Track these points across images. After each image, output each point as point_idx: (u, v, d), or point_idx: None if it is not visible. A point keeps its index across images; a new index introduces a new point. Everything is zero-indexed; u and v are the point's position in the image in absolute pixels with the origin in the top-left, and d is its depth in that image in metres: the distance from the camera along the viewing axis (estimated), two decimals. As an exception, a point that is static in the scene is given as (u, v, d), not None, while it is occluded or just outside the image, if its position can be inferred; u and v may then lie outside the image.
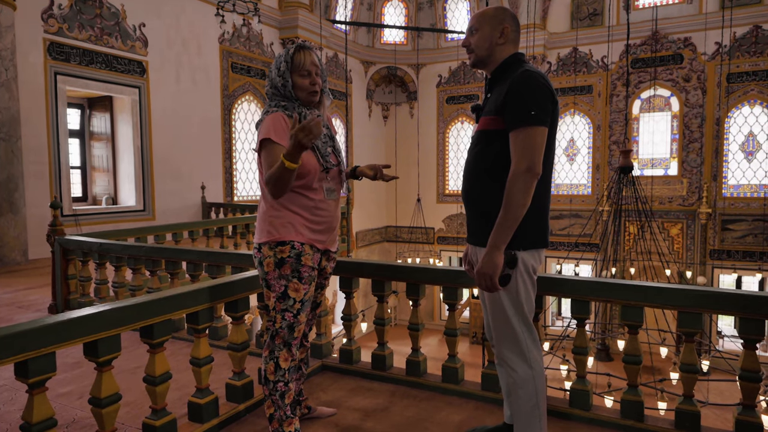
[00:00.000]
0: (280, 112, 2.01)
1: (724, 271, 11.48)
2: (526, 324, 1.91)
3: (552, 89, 1.82)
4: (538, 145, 1.75)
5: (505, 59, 1.92)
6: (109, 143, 8.65)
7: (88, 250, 4.03)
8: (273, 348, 2.05)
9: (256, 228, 2.09)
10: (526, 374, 1.90)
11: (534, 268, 1.90)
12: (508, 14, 1.95)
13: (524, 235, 1.82)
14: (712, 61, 11.38)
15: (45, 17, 7.09)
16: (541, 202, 1.87)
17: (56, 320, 1.66)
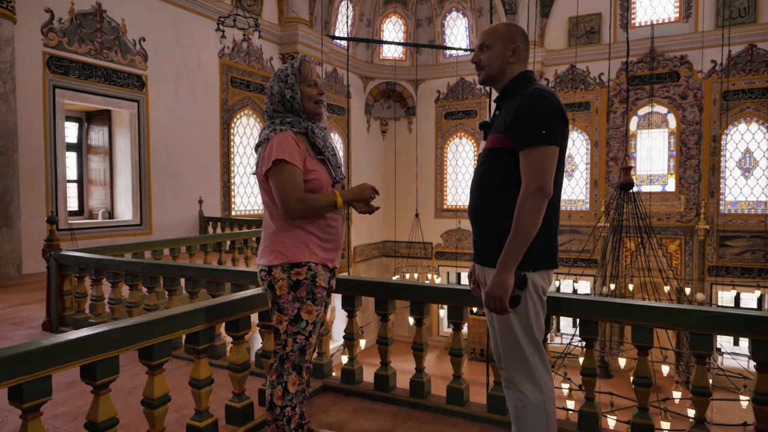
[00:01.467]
0: (289, 131, 1.97)
1: (722, 287, 11.45)
2: (536, 346, 1.85)
3: (562, 108, 1.79)
4: (548, 165, 1.72)
5: (514, 77, 1.90)
6: (107, 157, 8.62)
7: (85, 265, 3.97)
8: (282, 372, 2.00)
9: (262, 249, 2.01)
10: (536, 398, 1.84)
11: (544, 289, 1.86)
12: (519, 32, 1.92)
13: (534, 256, 1.78)
14: (708, 79, 11.48)
15: (45, 31, 7.09)
16: (551, 222, 1.83)
17: (53, 342, 1.60)
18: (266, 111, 2.09)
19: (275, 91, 2.04)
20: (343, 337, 2.95)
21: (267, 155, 1.92)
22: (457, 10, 14.16)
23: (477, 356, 12.87)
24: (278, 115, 2.04)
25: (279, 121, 2.01)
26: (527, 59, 1.95)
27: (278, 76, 2.05)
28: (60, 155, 7.43)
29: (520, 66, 1.92)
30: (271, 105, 2.06)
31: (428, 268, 14.66)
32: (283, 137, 1.95)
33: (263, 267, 1.98)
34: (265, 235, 2.03)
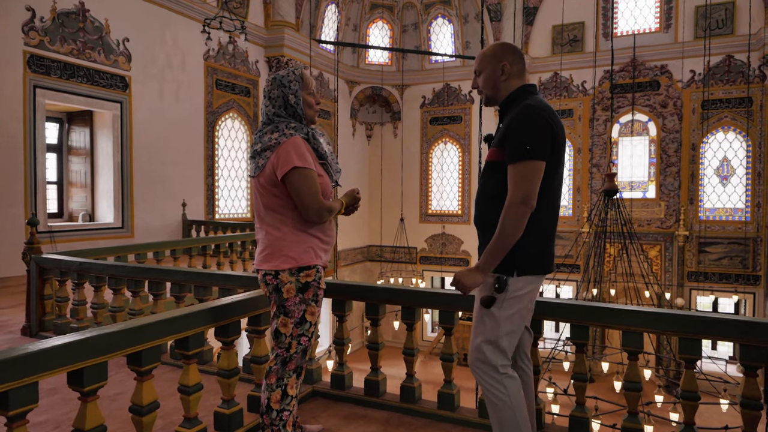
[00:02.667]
0: (299, 137, 2.01)
1: (701, 292, 11.67)
2: (496, 345, 1.89)
3: (552, 122, 1.84)
4: (532, 179, 1.80)
5: (511, 92, 1.98)
6: (88, 158, 8.45)
7: (67, 269, 3.88)
8: (282, 375, 2.01)
9: (266, 253, 2.01)
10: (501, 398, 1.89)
11: (528, 295, 1.91)
12: (507, 50, 2.00)
13: (518, 261, 1.86)
14: (687, 89, 11.74)
15: (26, 30, 6.94)
16: (542, 230, 1.90)
17: (39, 347, 1.55)
18: (266, 114, 2.08)
19: (276, 95, 2.06)
20: (333, 342, 2.93)
21: (284, 160, 1.94)
22: (443, 17, 14.26)
23: (462, 360, 12.89)
24: (280, 120, 2.05)
25: (284, 125, 2.02)
26: (522, 72, 2.01)
27: (279, 81, 2.07)
28: (40, 156, 7.26)
29: (515, 81, 1.99)
30: (272, 108, 2.06)
31: (413, 272, 14.67)
32: (296, 142, 1.97)
33: (268, 271, 1.99)
34: (269, 240, 2.02)
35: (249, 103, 10.94)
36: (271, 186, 1.99)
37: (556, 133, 1.84)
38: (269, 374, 2.02)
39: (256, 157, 2.03)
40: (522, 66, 2.01)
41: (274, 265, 1.98)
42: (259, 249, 2.06)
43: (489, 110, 13.39)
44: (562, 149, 1.91)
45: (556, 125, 1.85)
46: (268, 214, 2.03)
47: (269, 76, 2.13)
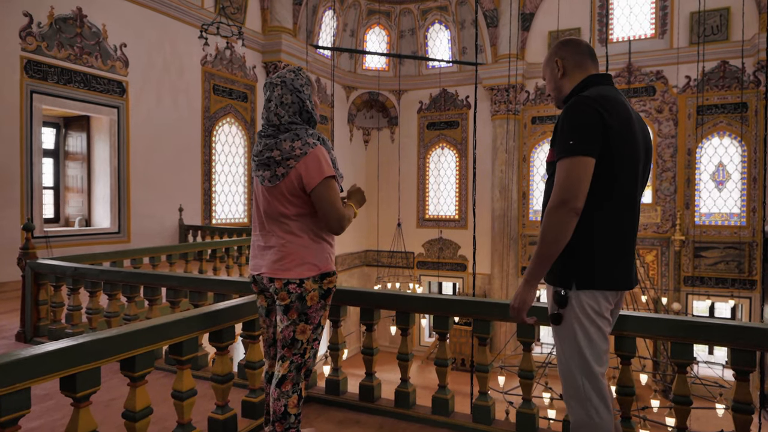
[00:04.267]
0: (321, 146, 2.01)
1: (697, 297, 11.69)
2: (585, 371, 1.70)
3: (606, 112, 1.65)
4: (577, 177, 1.61)
5: (574, 88, 1.85)
6: (85, 163, 8.45)
7: (62, 274, 3.88)
8: (298, 380, 2.03)
9: (286, 262, 1.98)
10: (582, 421, 1.72)
11: (597, 310, 1.69)
12: (558, 46, 1.93)
13: (581, 274, 1.68)
14: (683, 94, 11.80)
15: (23, 35, 6.96)
16: (609, 238, 1.70)
17: (32, 353, 1.56)
18: (278, 120, 2.00)
19: (290, 101, 2.01)
20: (328, 347, 2.93)
21: (315, 170, 1.93)
22: (440, 23, 14.32)
23: (459, 366, 12.89)
24: (298, 127, 2.00)
25: (304, 132, 1.99)
26: (582, 63, 1.87)
27: (291, 86, 2.02)
28: (36, 161, 7.26)
29: (574, 76, 1.87)
30: (287, 117, 2.00)
31: (410, 277, 14.66)
32: (322, 152, 1.98)
33: (292, 280, 1.97)
34: (289, 248, 1.99)
35: (246, 108, 10.96)
36: (292, 195, 1.97)
37: (610, 125, 1.63)
38: (284, 382, 2.01)
39: (274, 165, 1.97)
40: (581, 57, 1.87)
41: (298, 273, 1.97)
42: (273, 257, 2.01)
43: (484, 115, 13.45)
44: (625, 143, 1.68)
45: (612, 116, 1.65)
46: (285, 222, 2.00)
47: (272, 79, 2.06)
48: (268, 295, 2.13)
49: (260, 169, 2.01)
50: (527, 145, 13.48)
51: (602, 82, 1.83)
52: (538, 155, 13.50)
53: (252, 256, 2.13)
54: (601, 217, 1.67)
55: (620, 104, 1.72)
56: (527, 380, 2.47)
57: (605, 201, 1.67)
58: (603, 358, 1.73)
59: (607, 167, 1.65)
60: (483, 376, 2.57)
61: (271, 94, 2.02)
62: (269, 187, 1.99)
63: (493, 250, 13.39)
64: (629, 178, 1.73)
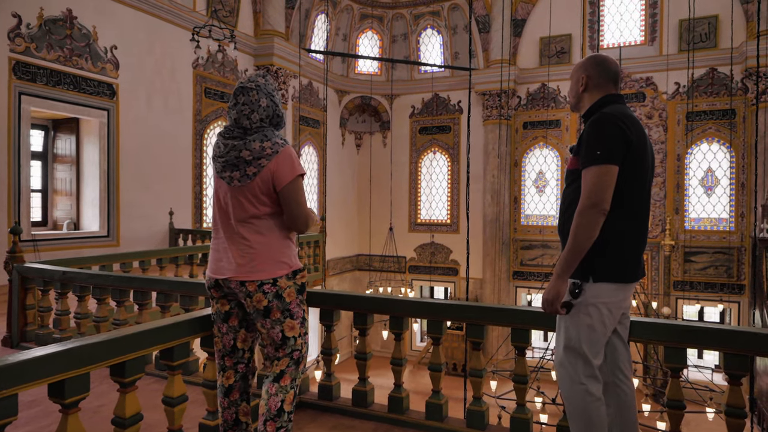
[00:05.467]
0: (290, 146, 2.05)
1: (687, 302, 11.78)
2: (582, 358, 1.91)
3: (626, 128, 1.88)
4: (604, 183, 1.83)
5: (594, 103, 2.03)
6: (74, 166, 8.36)
7: (50, 278, 3.82)
8: (296, 375, 2.03)
9: (256, 263, 1.96)
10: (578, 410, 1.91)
11: (607, 303, 1.91)
12: (590, 63, 2.07)
13: (595, 267, 1.89)
14: (672, 100, 11.93)
15: (12, 36, 6.88)
16: (624, 235, 1.91)
17: (20, 359, 1.52)
18: (249, 121, 2.01)
19: (265, 104, 2.03)
20: (321, 352, 2.91)
21: (287, 168, 1.95)
22: (432, 27, 14.38)
23: (451, 370, 12.87)
24: (265, 129, 2.03)
25: (271, 133, 2.02)
26: (605, 86, 2.04)
27: (266, 90, 2.05)
28: (24, 164, 7.17)
29: (595, 93, 2.05)
30: (260, 121, 2.02)
31: (402, 282, 14.65)
32: (292, 151, 2.01)
33: (266, 280, 1.96)
34: (259, 249, 1.97)
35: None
36: (263, 194, 1.97)
37: (631, 140, 1.87)
38: (282, 377, 1.99)
39: (244, 165, 1.96)
40: (606, 79, 2.04)
41: (271, 272, 1.97)
42: (241, 260, 1.98)
43: (476, 120, 13.51)
44: (641, 155, 1.93)
45: (632, 132, 1.88)
46: (254, 223, 1.99)
47: (245, 83, 2.05)
48: (231, 300, 2.07)
49: (227, 170, 1.99)
50: (519, 150, 13.55)
51: (619, 101, 2.03)
52: (529, 160, 13.56)
53: (214, 260, 2.07)
54: (617, 218, 1.87)
55: (637, 122, 1.95)
56: (521, 385, 2.46)
57: (621, 203, 1.88)
58: (600, 352, 1.94)
59: (625, 175, 1.87)
60: (477, 381, 2.56)
61: (246, 99, 2.02)
62: (238, 187, 1.97)
63: (485, 255, 13.42)
64: (642, 184, 1.96)
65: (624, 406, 2.02)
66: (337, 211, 14.43)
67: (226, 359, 2.11)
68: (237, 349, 2.06)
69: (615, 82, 2.06)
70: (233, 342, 2.09)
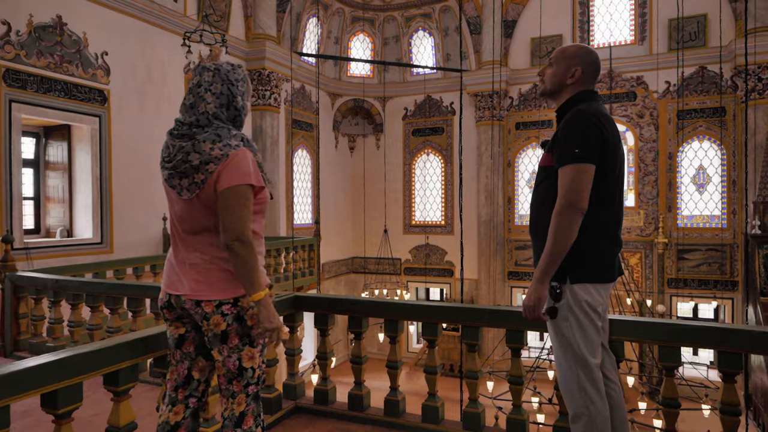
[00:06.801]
0: (246, 149, 1.75)
1: (681, 299, 11.85)
2: (580, 361, 1.84)
3: (603, 126, 1.84)
4: (581, 182, 1.78)
5: (571, 97, 1.97)
6: (66, 173, 8.31)
7: (42, 287, 3.79)
8: (259, 412, 1.78)
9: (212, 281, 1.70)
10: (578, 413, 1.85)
11: (590, 303, 1.84)
12: (587, 58, 1.98)
13: (575, 269, 1.83)
14: (663, 99, 12.02)
15: (1, 43, 6.84)
16: (598, 236, 1.86)
17: (11, 370, 1.51)
18: (200, 110, 1.75)
19: (219, 91, 1.77)
20: (317, 356, 2.90)
21: (233, 173, 1.66)
22: (424, 30, 14.42)
23: (447, 372, 12.87)
24: (220, 125, 1.76)
25: (227, 134, 1.73)
26: (591, 83, 2.00)
27: (225, 76, 1.79)
28: (15, 171, 7.12)
29: (578, 87, 1.97)
30: (214, 106, 1.76)
31: (397, 284, 14.65)
32: (245, 156, 1.71)
33: (225, 300, 1.69)
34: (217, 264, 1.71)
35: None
36: (214, 204, 1.70)
37: (607, 138, 1.83)
38: (244, 419, 1.73)
39: (192, 172, 1.69)
40: (593, 76, 2.00)
41: (232, 291, 1.70)
42: (197, 277, 1.71)
43: (468, 122, 13.54)
44: (615, 154, 1.89)
45: (607, 130, 1.85)
46: (209, 236, 1.72)
47: (206, 65, 1.82)
48: (187, 322, 1.79)
49: (174, 178, 1.74)
50: (512, 151, 13.59)
51: (595, 98, 1.99)
52: (522, 160, 13.61)
53: (167, 274, 1.80)
54: (591, 217, 1.82)
55: (612, 121, 1.92)
56: (517, 386, 2.46)
57: (595, 203, 1.82)
58: (597, 350, 1.88)
59: (600, 174, 1.83)
60: (473, 383, 2.56)
61: (201, 79, 1.77)
62: (188, 198, 1.72)
63: (480, 255, 13.44)
64: (616, 183, 1.92)
65: (614, 407, 2.00)
66: (331, 214, 14.42)
67: (179, 391, 1.79)
68: (192, 380, 1.76)
69: (596, 79, 2.04)
70: (188, 372, 1.79)
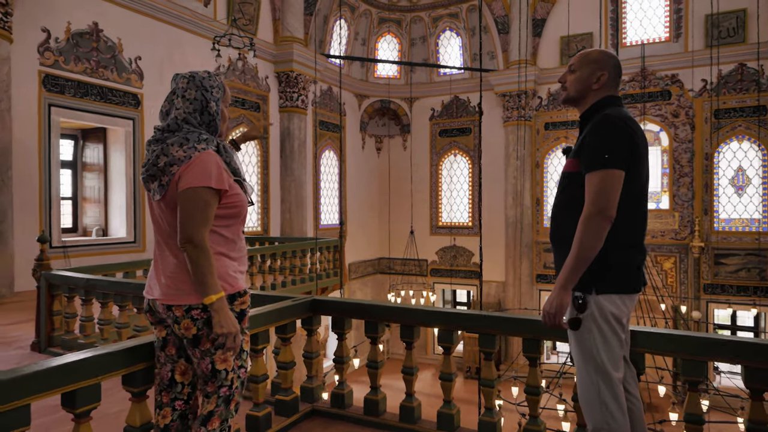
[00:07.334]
0: (212, 151, 1.76)
1: (718, 305, 11.43)
2: (602, 373, 1.78)
3: (632, 132, 1.79)
4: (611, 189, 1.73)
5: (595, 102, 1.92)
6: (102, 174, 8.60)
7: (74, 285, 3.93)
8: (227, 416, 1.77)
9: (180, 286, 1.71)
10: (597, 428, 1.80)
11: (615, 315, 1.79)
12: (611, 62, 1.94)
13: (600, 279, 1.78)
14: (699, 98, 11.62)
15: (41, 50, 7.12)
16: (624, 244, 1.81)
17: (33, 370, 1.57)
18: (173, 117, 1.79)
19: (192, 97, 1.79)
20: (333, 360, 2.92)
21: (193, 175, 1.67)
22: (451, 30, 14.34)
23: (473, 374, 12.76)
24: (190, 128, 1.77)
25: (195, 138, 1.75)
26: (615, 88, 1.95)
27: (200, 83, 1.81)
28: (54, 172, 7.41)
29: (602, 92, 1.93)
30: (184, 112, 1.78)
31: (423, 285, 14.61)
32: (209, 158, 1.71)
33: (195, 305, 1.69)
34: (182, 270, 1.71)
35: (259, 117, 11.07)
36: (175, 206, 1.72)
37: (637, 144, 1.79)
38: (210, 419, 1.73)
39: (159, 174, 1.72)
40: (616, 81, 1.96)
41: (196, 297, 1.69)
42: (167, 281, 1.73)
43: (496, 122, 13.39)
44: (644, 160, 1.85)
45: (637, 136, 1.80)
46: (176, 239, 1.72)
47: (182, 74, 1.85)
48: (167, 325, 1.80)
49: (148, 182, 1.76)
50: (540, 152, 13.38)
51: (620, 103, 1.93)
52: (551, 161, 13.38)
53: (148, 279, 1.85)
54: (618, 225, 1.76)
55: (639, 126, 1.86)
56: (534, 396, 2.42)
57: (622, 210, 1.76)
58: (619, 363, 1.82)
59: (627, 180, 1.77)
60: (489, 391, 2.53)
61: (174, 85, 1.82)
62: (158, 200, 1.75)
63: (507, 257, 13.28)
64: (642, 190, 1.87)
65: (634, 422, 1.94)
66: (358, 214, 14.49)
67: (164, 394, 1.84)
68: (175, 383, 1.78)
69: (619, 84, 1.99)
70: (171, 374, 1.83)
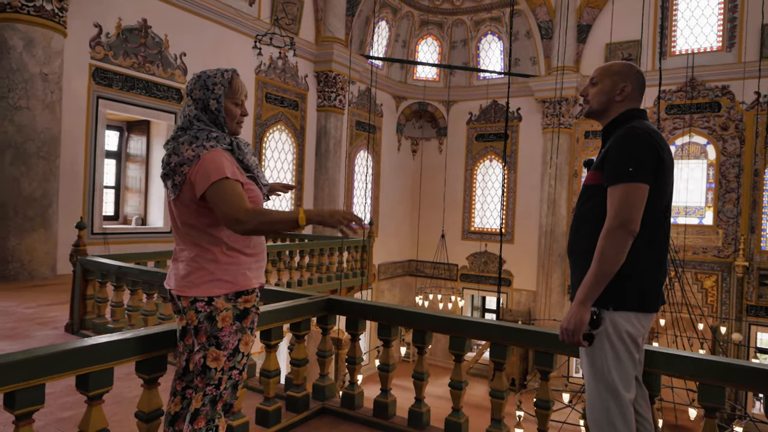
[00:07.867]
0: (220, 148, 1.78)
1: (761, 328, 10.89)
2: (612, 393, 1.74)
3: (658, 145, 1.75)
4: (634, 202, 1.69)
5: (619, 115, 1.89)
6: (144, 165, 8.93)
7: (107, 271, 4.10)
8: (213, 416, 1.76)
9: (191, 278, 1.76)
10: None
11: (630, 333, 1.74)
12: (633, 73, 1.90)
13: (617, 295, 1.73)
14: (751, 111, 11.10)
15: (93, 44, 7.46)
16: (646, 261, 1.76)
17: (48, 352, 1.66)
18: (186, 116, 1.83)
19: (198, 96, 1.84)
20: (346, 360, 2.95)
21: (204, 175, 1.70)
22: (493, 34, 14.19)
23: (498, 383, 12.56)
24: (201, 126, 1.82)
25: (205, 135, 1.78)
26: (639, 99, 1.91)
27: (203, 83, 1.85)
28: (99, 162, 7.74)
29: (625, 105, 1.89)
30: (193, 110, 1.83)
31: (452, 290, 14.50)
32: (217, 155, 1.75)
33: (200, 298, 1.74)
34: (199, 263, 1.77)
35: (296, 116, 11.25)
36: (192, 203, 1.76)
37: (663, 158, 1.74)
38: (196, 418, 1.74)
39: (172, 174, 1.76)
40: (640, 93, 1.92)
41: (206, 290, 1.74)
42: (180, 272, 1.79)
43: (535, 128, 13.15)
44: (669, 175, 1.80)
45: (663, 150, 1.76)
46: (194, 234, 1.79)
47: (195, 74, 1.90)
48: None
49: (164, 180, 1.81)
50: (579, 160, 13.07)
51: (644, 116, 1.90)
52: (590, 171, 13.04)
53: (169, 269, 1.92)
54: (639, 241, 1.72)
55: (664, 140, 1.81)
56: (544, 411, 2.38)
57: (645, 225, 1.72)
58: (631, 383, 1.77)
59: (651, 195, 1.73)
60: (498, 403, 2.50)
61: (189, 86, 1.89)
62: (173, 198, 1.80)
63: (540, 267, 13.04)
64: (666, 206, 1.83)
65: None
66: (390, 216, 14.51)
67: (178, 382, 1.90)
68: (208, 369, 1.77)
69: (642, 97, 1.93)
70: (185, 363, 1.89)
